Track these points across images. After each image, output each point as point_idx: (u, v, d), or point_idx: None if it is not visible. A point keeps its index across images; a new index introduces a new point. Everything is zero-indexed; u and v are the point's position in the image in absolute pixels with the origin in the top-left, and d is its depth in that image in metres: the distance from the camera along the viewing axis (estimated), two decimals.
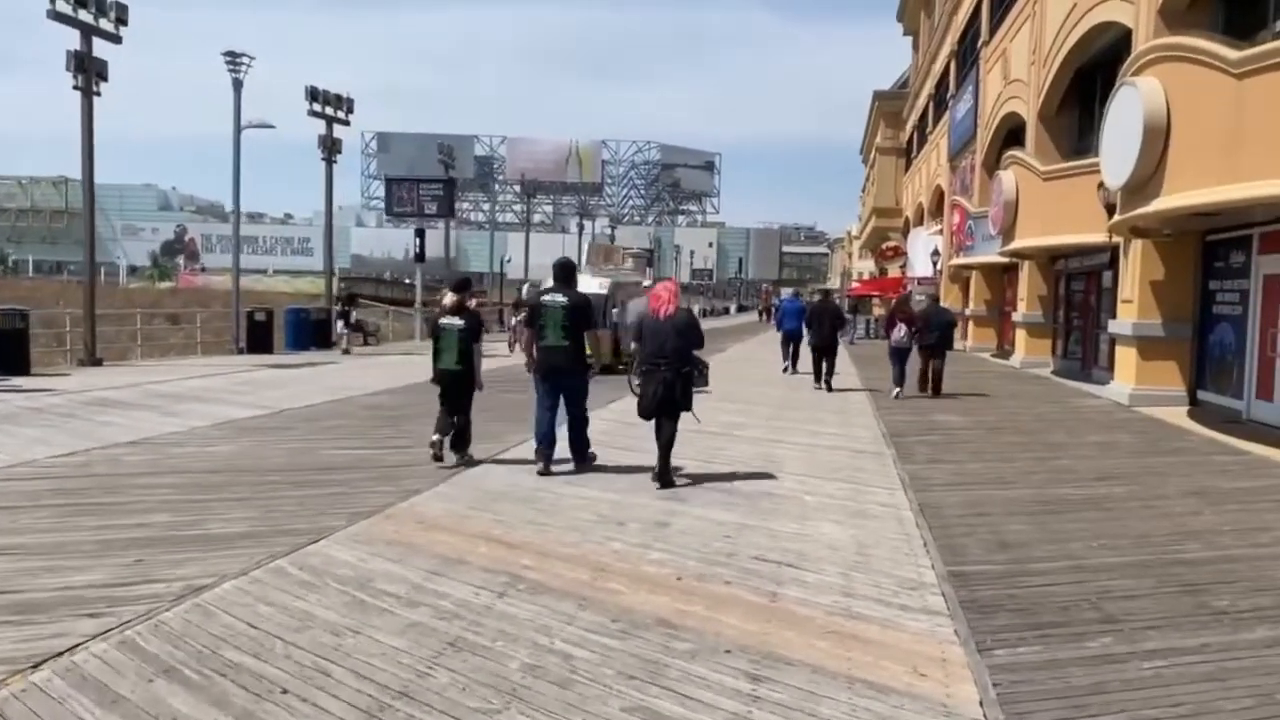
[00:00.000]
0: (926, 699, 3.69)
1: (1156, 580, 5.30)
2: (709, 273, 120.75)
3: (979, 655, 4.12)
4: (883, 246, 54.80)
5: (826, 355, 16.01)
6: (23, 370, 15.99)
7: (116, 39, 18.85)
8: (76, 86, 18.37)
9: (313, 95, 27.00)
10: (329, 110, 27.38)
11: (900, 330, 15.02)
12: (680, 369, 7.66)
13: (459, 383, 8.33)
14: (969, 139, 30.27)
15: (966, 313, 29.61)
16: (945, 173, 35.26)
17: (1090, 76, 20.19)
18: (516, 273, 54.48)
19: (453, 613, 4.51)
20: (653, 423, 7.93)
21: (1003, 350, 26.73)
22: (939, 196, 37.47)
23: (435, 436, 8.27)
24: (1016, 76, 23.68)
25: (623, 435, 9.74)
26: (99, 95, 18.64)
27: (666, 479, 7.62)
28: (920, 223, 42.73)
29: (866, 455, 9.49)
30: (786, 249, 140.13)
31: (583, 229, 72.54)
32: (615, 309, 18.67)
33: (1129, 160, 11.80)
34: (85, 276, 19.88)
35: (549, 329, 8.03)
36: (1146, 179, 11.69)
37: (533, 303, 8.25)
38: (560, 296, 8.10)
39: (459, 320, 8.32)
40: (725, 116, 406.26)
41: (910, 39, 51.88)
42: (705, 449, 9.00)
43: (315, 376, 17.02)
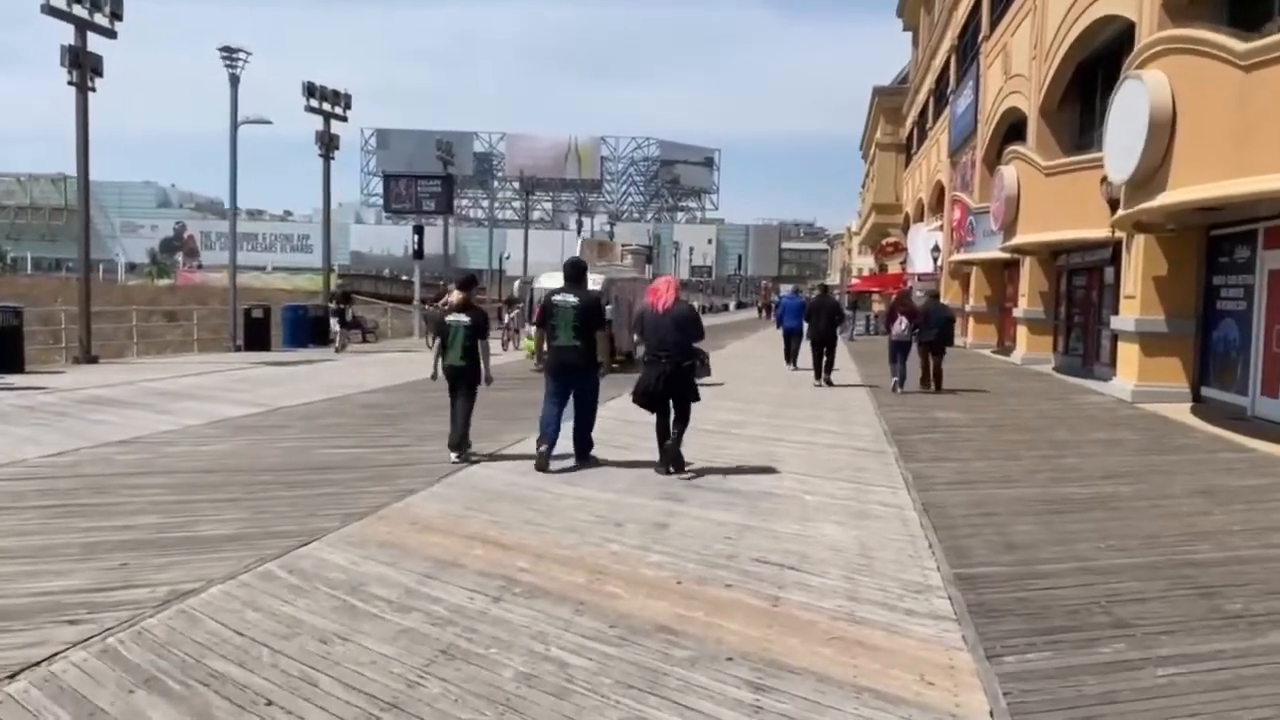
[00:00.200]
0: (935, 709, 3.56)
1: (1167, 583, 5.18)
2: (708, 269, 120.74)
3: (988, 662, 4.00)
4: (883, 242, 54.67)
5: (825, 350, 16.14)
6: (17, 368, 15.84)
7: (111, 34, 18.72)
8: (71, 82, 18.23)
9: (310, 91, 26.92)
10: (326, 106, 27.30)
11: (901, 324, 15.09)
12: (681, 362, 7.76)
13: (463, 378, 8.38)
14: (969, 134, 30.13)
15: (967, 309, 29.47)
16: (945, 168, 35.12)
17: (1091, 71, 20.06)
18: (516, 269, 54.31)
19: (446, 618, 4.38)
20: (654, 422, 8.12)
21: (1003, 347, 26.62)
22: (939, 192, 37.33)
23: (454, 456, 8.34)
24: (1017, 71, 23.54)
25: (621, 433, 9.62)
26: (94, 91, 18.51)
27: (680, 463, 7.86)
28: (920, 219, 42.58)
29: (868, 454, 9.36)
30: (786, 245, 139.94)
31: (581, 226, 72.39)
32: (610, 305, 18.52)
33: (1134, 154, 11.66)
34: (83, 272, 19.67)
35: (560, 329, 8.03)
36: (1151, 173, 11.55)
37: (544, 303, 8.29)
38: (571, 296, 8.09)
39: (465, 317, 8.35)
40: (725, 113, 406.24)
41: (910, 34, 51.71)
42: (705, 447, 8.87)
43: (312, 374, 16.88)
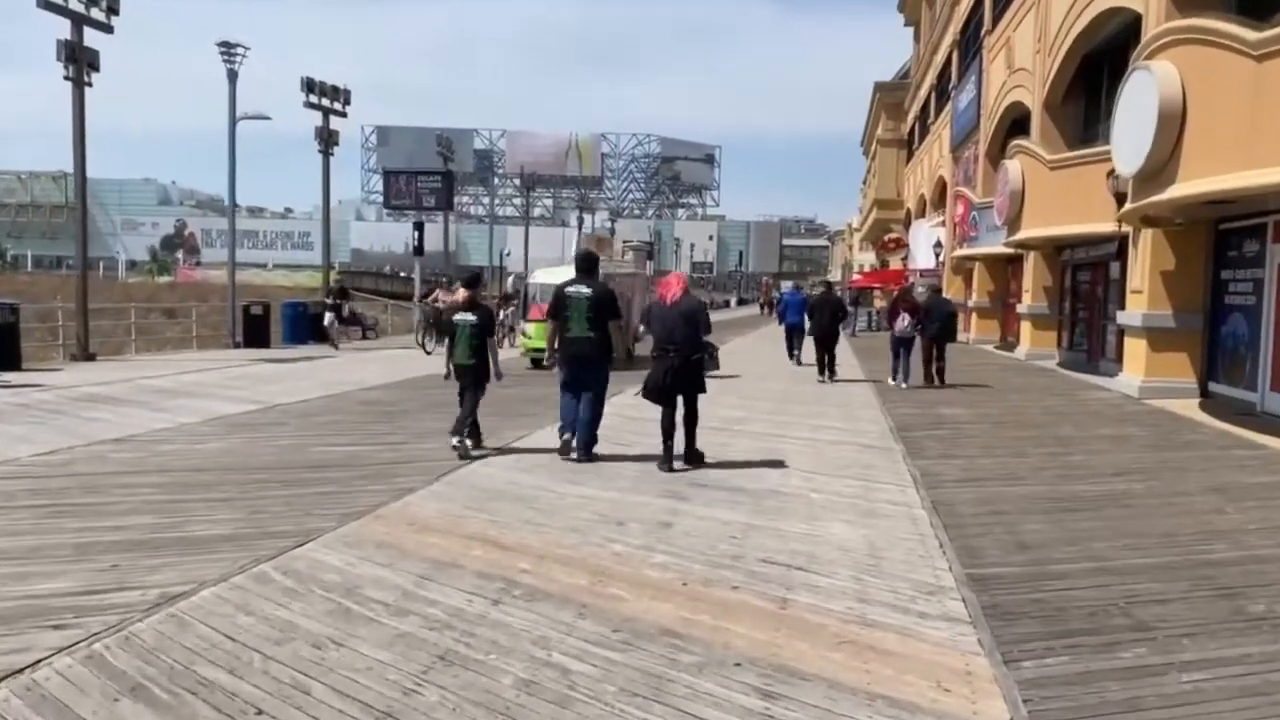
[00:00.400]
0: (953, 718, 3.41)
1: (1187, 583, 5.04)
2: (709, 266, 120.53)
3: (1005, 668, 3.85)
4: (884, 238, 54.49)
5: (828, 346, 16.25)
6: (13, 365, 15.71)
7: (108, 28, 18.56)
8: (68, 77, 18.08)
9: (309, 86, 26.75)
10: (325, 102, 27.12)
11: (903, 320, 15.08)
12: (689, 356, 7.80)
13: (471, 376, 8.45)
14: (972, 129, 29.97)
15: (970, 304, 29.31)
16: (948, 164, 34.93)
17: (1096, 64, 19.90)
18: (516, 266, 54.26)
19: (444, 622, 4.24)
20: (656, 418, 8.10)
21: (1006, 342, 26.47)
22: (941, 188, 37.16)
23: (455, 440, 8.37)
24: (1021, 65, 23.37)
25: (624, 430, 9.49)
26: (90, 86, 18.37)
27: (698, 457, 8.03)
28: (922, 214, 42.39)
29: (874, 450, 9.22)
30: (786, 242, 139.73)
31: (582, 222, 72.16)
32: None
33: (1142, 147, 11.50)
34: (80, 269, 19.52)
35: (573, 320, 8.07)
36: (1161, 166, 11.39)
37: (556, 294, 8.31)
38: (584, 288, 8.12)
39: (471, 315, 8.44)
40: (725, 109, 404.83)
41: (911, 30, 51.46)
42: (708, 445, 8.70)
43: (311, 371, 16.75)
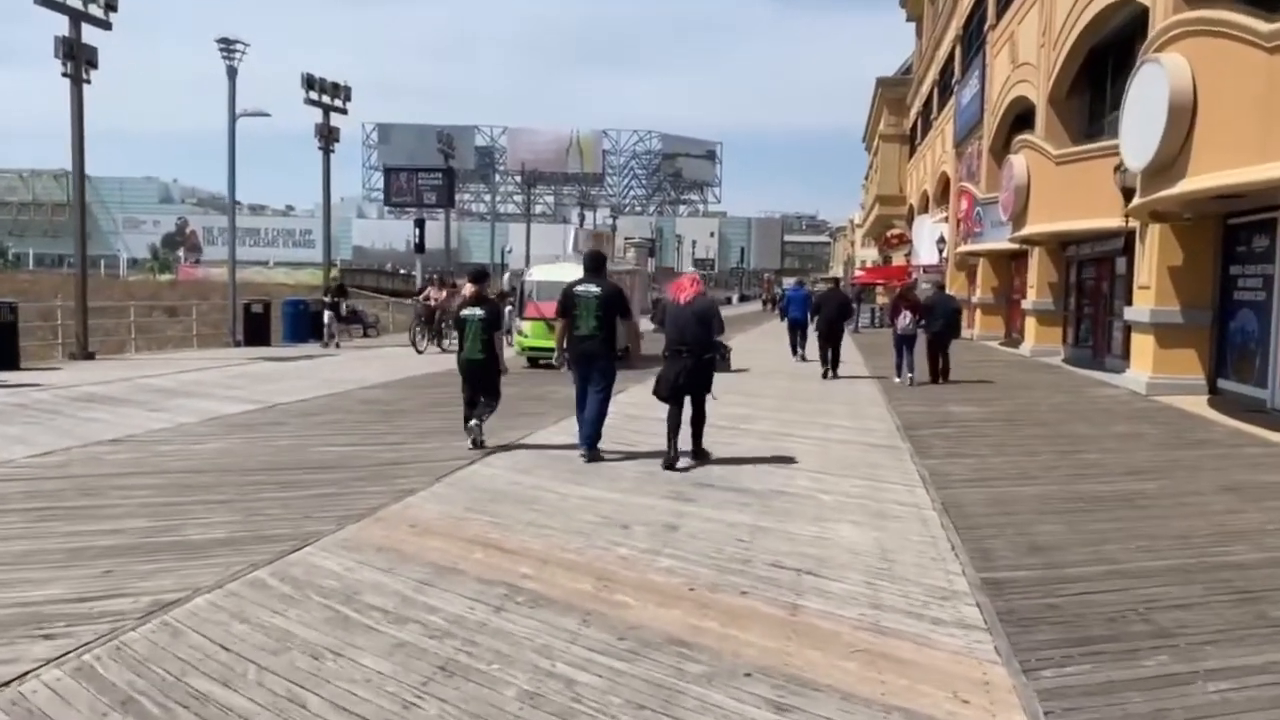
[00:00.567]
0: None
1: (1205, 587, 4.91)
2: (711, 262, 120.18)
3: (1024, 677, 3.73)
4: (887, 234, 54.30)
5: (832, 342, 16.28)
6: (11, 365, 15.60)
7: (106, 25, 18.43)
8: (66, 74, 17.96)
9: (309, 83, 26.59)
10: (326, 99, 26.97)
11: (905, 317, 15.09)
12: (701, 355, 7.90)
13: (483, 371, 8.50)
14: (975, 124, 29.81)
15: (974, 300, 29.18)
16: (951, 159, 34.77)
17: (1101, 59, 19.75)
18: (518, 263, 54.09)
19: (444, 630, 4.12)
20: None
21: (1011, 338, 26.34)
22: (944, 183, 37.00)
23: (473, 421, 8.48)
24: (1025, 60, 23.22)
25: (626, 430, 9.36)
26: (89, 83, 18.24)
27: (701, 456, 8.06)
28: (925, 210, 42.22)
29: (881, 449, 9.10)
30: (788, 238, 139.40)
31: (584, 219, 71.96)
32: None
33: (1152, 141, 11.35)
34: (79, 268, 19.39)
35: (581, 319, 8.14)
36: (1171, 160, 11.23)
37: (565, 294, 8.37)
38: (593, 287, 8.19)
39: (479, 310, 8.48)
40: (726, 105, 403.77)
41: (914, 25, 51.24)
42: (714, 443, 8.58)
43: (312, 369, 16.63)
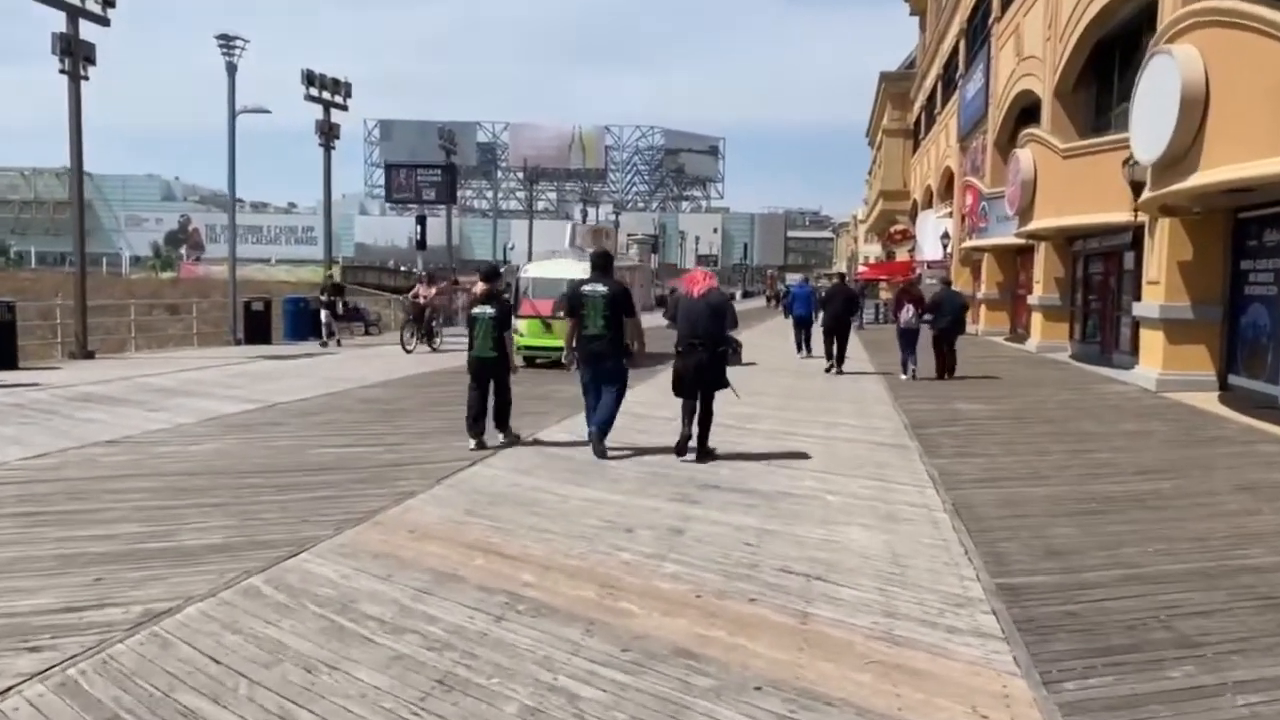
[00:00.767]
0: None
1: (1228, 593, 4.76)
2: (714, 258, 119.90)
3: (1045, 690, 3.59)
4: (891, 230, 54.06)
5: (838, 337, 16.30)
6: (10, 364, 15.48)
7: (104, 21, 18.31)
8: (63, 70, 17.82)
9: (309, 79, 26.44)
10: (326, 95, 26.83)
11: (908, 312, 15.16)
12: (715, 349, 7.94)
13: (495, 369, 8.53)
14: (980, 119, 29.62)
15: (979, 296, 28.98)
16: (955, 154, 34.57)
17: (1108, 51, 19.56)
18: (520, 260, 53.99)
19: (443, 641, 3.98)
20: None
21: (1016, 334, 26.16)
22: (948, 178, 36.80)
23: (471, 444, 8.35)
24: (1030, 53, 23.02)
25: (629, 429, 9.19)
26: (86, 79, 18.11)
27: (707, 454, 7.98)
28: (929, 205, 42.03)
29: (889, 448, 8.95)
30: (791, 234, 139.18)
31: (586, 216, 71.84)
32: None
33: (1163, 134, 11.16)
34: (78, 266, 19.27)
35: (589, 318, 8.18)
36: (1182, 153, 11.05)
37: (572, 293, 8.43)
38: (600, 286, 8.24)
39: (490, 308, 8.52)
40: (729, 101, 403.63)
41: (917, 19, 51.00)
42: (718, 443, 8.44)
43: (312, 368, 16.49)
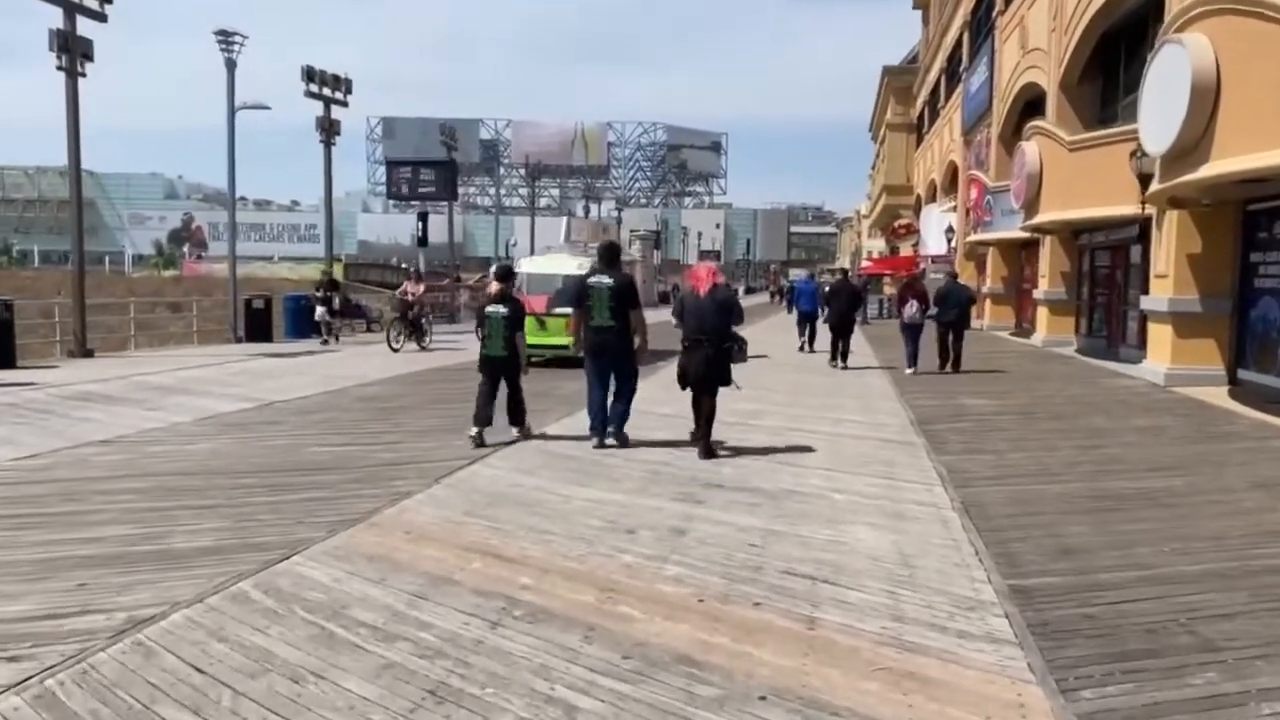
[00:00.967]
0: None
1: (1249, 594, 4.61)
2: (716, 254, 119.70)
3: (1063, 699, 3.44)
4: (895, 224, 53.92)
5: (843, 333, 16.28)
6: (8, 363, 15.33)
7: (102, 17, 18.13)
8: (60, 67, 17.67)
9: (309, 75, 26.29)
10: (326, 91, 26.68)
11: (911, 307, 15.18)
12: (720, 345, 7.96)
13: (506, 367, 8.60)
14: (984, 112, 29.42)
15: (984, 290, 28.79)
16: (959, 147, 34.38)
17: (1113, 43, 19.39)
18: (523, 256, 53.89)
19: (436, 649, 3.84)
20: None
21: (1021, 328, 25.99)
22: (952, 172, 36.60)
23: (474, 430, 8.38)
24: (1035, 46, 22.83)
25: (632, 427, 9.00)
26: (84, 76, 17.94)
27: (709, 451, 7.90)
28: (933, 199, 41.82)
29: (895, 445, 8.79)
30: (794, 229, 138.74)
31: (589, 212, 71.67)
32: None
33: (1173, 124, 10.98)
34: (77, 264, 19.12)
35: (596, 310, 8.29)
36: (1193, 144, 10.86)
37: (580, 286, 8.53)
38: (606, 278, 8.34)
39: (503, 308, 8.57)
40: (731, 96, 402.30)
41: (920, 13, 50.75)
42: (721, 440, 8.31)
43: (311, 366, 16.36)
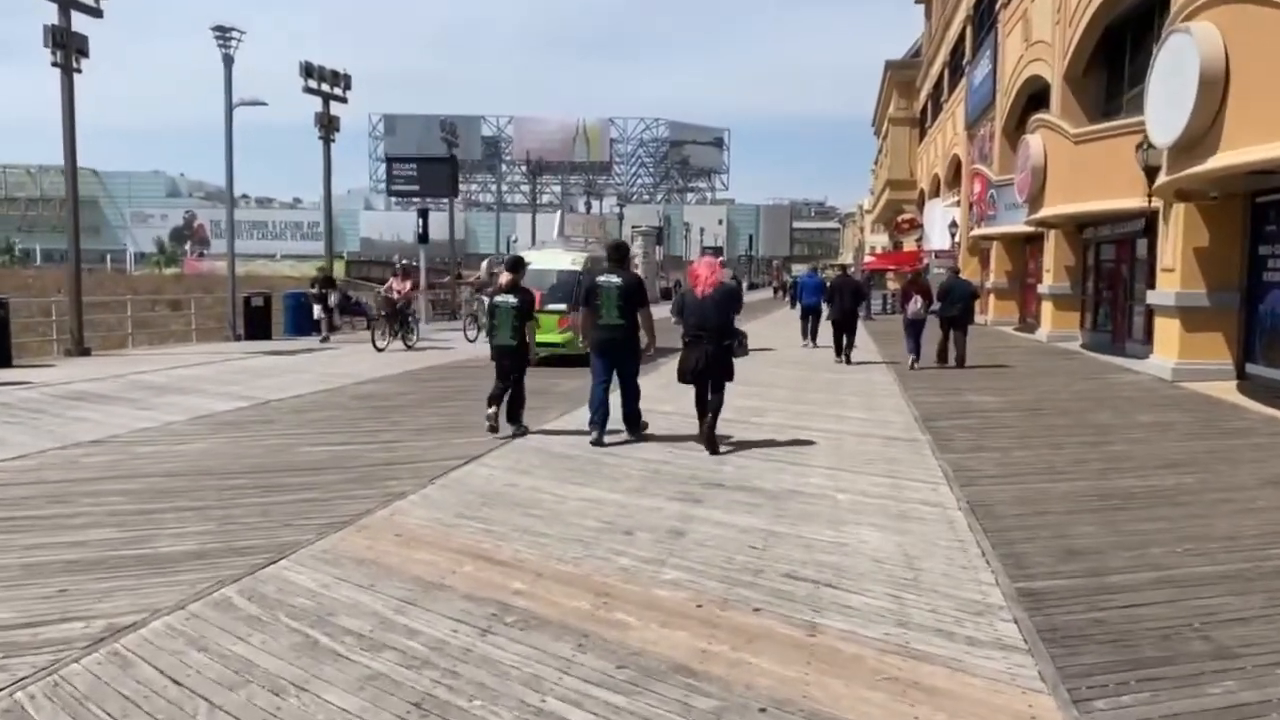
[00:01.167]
0: None
1: (1266, 597, 4.46)
2: (719, 250, 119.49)
3: (1075, 710, 3.30)
4: (898, 219, 53.69)
5: (846, 329, 16.22)
6: (3, 362, 15.22)
7: (97, 13, 18.00)
8: (55, 63, 17.54)
9: (308, 71, 26.15)
10: (325, 87, 26.55)
11: (915, 303, 15.12)
12: (721, 341, 8.02)
13: (513, 357, 8.67)
14: (987, 105, 29.20)
15: (988, 285, 28.63)
16: (962, 142, 34.15)
17: (1118, 36, 19.19)
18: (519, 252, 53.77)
19: (423, 658, 3.70)
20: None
21: (1025, 323, 25.81)
22: (956, 166, 36.37)
23: (490, 410, 8.54)
24: (1039, 38, 22.63)
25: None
26: (79, 72, 17.81)
27: (712, 442, 7.93)
28: (936, 194, 41.58)
29: (899, 443, 8.64)
30: (797, 225, 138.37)
31: (590, 208, 71.51)
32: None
33: (1181, 115, 10.81)
34: (73, 262, 19.00)
35: (604, 308, 8.38)
36: (1201, 135, 10.70)
37: (588, 284, 8.63)
38: (615, 278, 8.44)
39: (512, 298, 8.66)
40: (734, 92, 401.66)
41: (923, 6, 50.48)
42: (722, 439, 8.17)
43: (310, 364, 16.23)
